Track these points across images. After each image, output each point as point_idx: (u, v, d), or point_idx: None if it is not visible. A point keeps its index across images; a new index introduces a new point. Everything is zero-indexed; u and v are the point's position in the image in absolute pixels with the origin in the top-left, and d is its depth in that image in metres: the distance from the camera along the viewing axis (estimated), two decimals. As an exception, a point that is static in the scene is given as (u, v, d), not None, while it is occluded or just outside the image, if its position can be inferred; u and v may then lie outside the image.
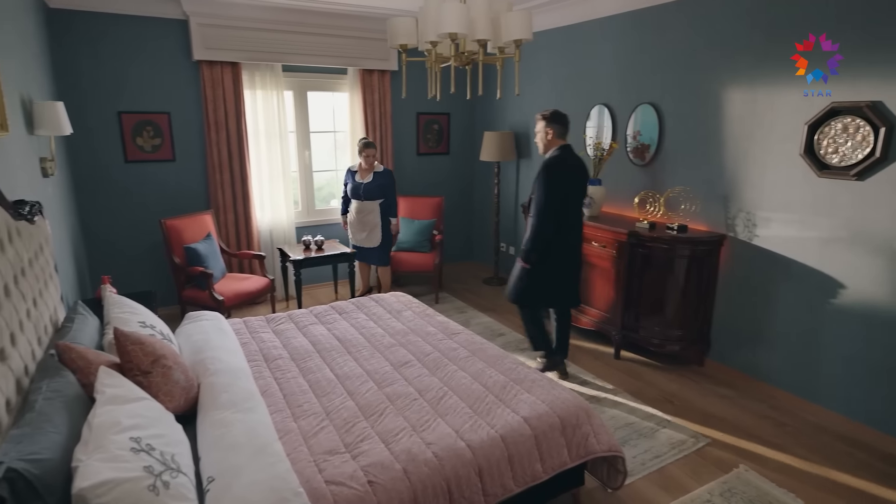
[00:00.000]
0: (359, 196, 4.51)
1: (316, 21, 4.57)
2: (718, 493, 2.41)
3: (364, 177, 4.50)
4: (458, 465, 1.85)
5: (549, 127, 3.19)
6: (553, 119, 3.18)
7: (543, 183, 3.07)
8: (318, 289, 5.30)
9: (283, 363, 2.55)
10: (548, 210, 3.06)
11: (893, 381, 2.72)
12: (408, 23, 2.49)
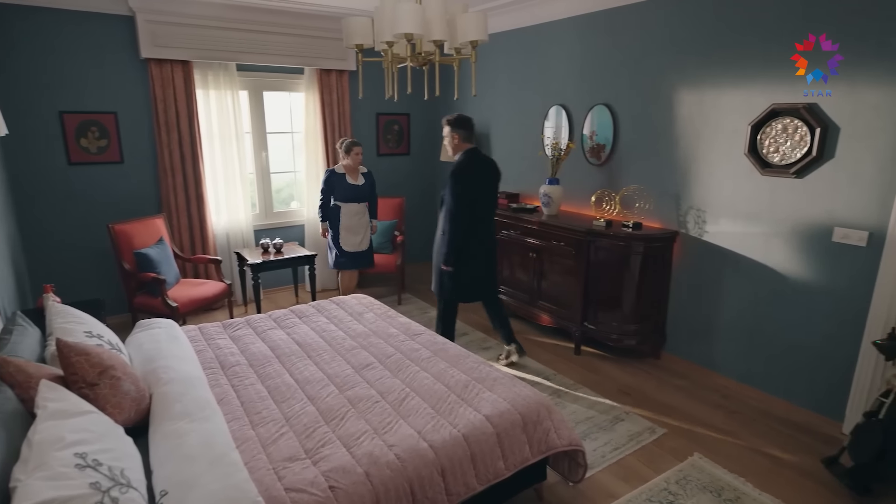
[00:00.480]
0: (354, 199, 4.44)
1: (271, 19, 4.47)
2: (674, 480, 2.50)
3: (356, 178, 4.46)
4: (421, 465, 1.85)
5: (454, 132, 3.30)
6: (458, 124, 3.30)
7: (451, 191, 3.21)
8: (278, 293, 5.19)
9: (241, 370, 2.48)
10: (459, 217, 3.22)
11: (830, 368, 2.89)
12: (363, 22, 2.47)
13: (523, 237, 4.19)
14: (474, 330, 4.29)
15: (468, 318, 4.55)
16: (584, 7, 3.92)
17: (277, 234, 4.97)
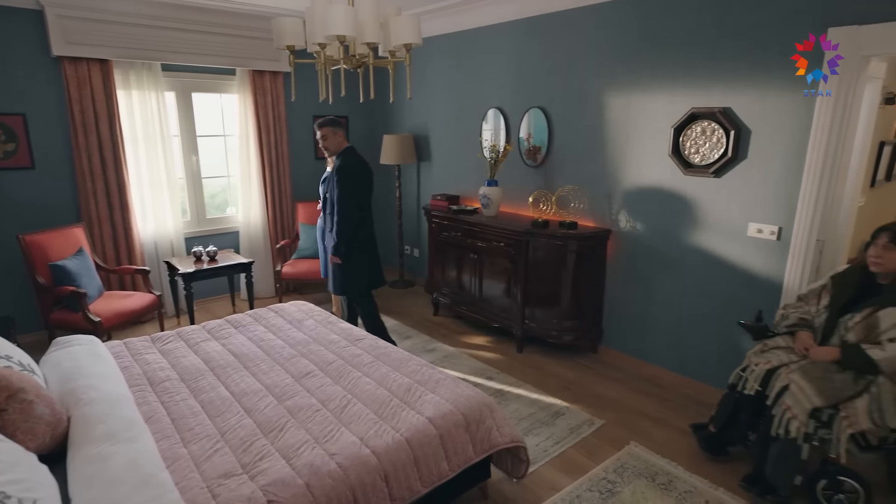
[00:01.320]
0: None
1: (198, 17, 4.29)
2: (612, 469, 2.60)
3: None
4: (364, 472, 1.83)
5: (338, 131, 3.48)
6: (339, 124, 3.49)
7: (344, 187, 3.40)
8: (214, 302, 4.98)
9: (172, 385, 2.36)
10: (350, 211, 3.42)
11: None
12: (294, 23, 2.42)
13: (464, 238, 4.23)
14: (419, 333, 4.29)
15: (414, 322, 4.55)
16: (517, 13, 4.01)
17: (211, 242, 4.76)
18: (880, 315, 2.20)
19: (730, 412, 2.60)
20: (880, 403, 2.14)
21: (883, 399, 2.14)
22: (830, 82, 2.62)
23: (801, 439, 2.20)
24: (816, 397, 2.19)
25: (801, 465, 2.24)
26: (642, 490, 2.45)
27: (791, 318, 2.55)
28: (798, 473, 2.26)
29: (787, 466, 2.26)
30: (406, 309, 4.87)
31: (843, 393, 2.18)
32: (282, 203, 5.13)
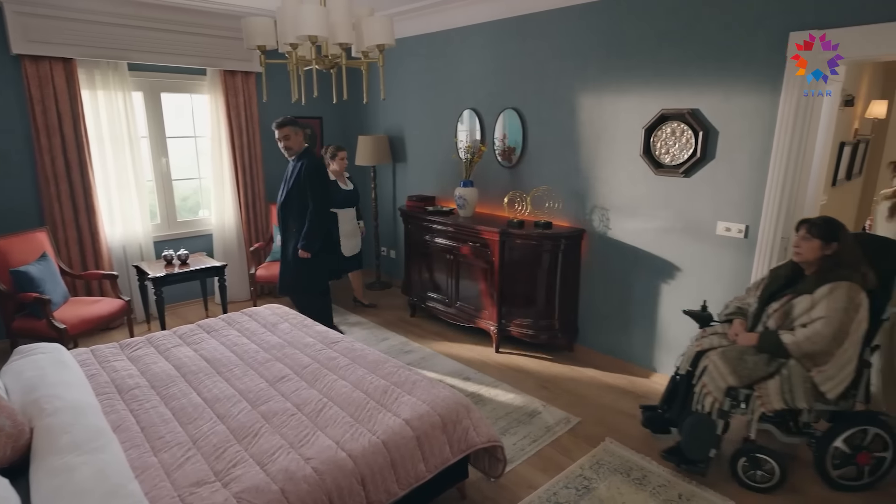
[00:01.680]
0: (348, 204, 4.52)
1: (166, 16, 4.19)
2: (588, 466, 2.63)
3: (345, 183, 4.55)
4: (340, 476, 1.81)
5: (300, 131, 3.66)
6: (297, 123, 3.66)
7: (318, 183, 3.58)
8: (186, 307, 4.87)
9: (141, 392, 2.30)
10: (324, 206, 3.62)
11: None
12: (265, 23, 2.38)
13: (440, 239, 4.24)
14: (396, 334, 4.27)
15: (391, 323, 4.53)
16: (491, 14, 4.04)
17: (183, 245, 4.66)
18: (794, 302, 2.36)
19: (670, 392, 2.79)
20: (791, 385, 2.30)
21: (793, 380, 2.29)
22: (789, 85, 2.70)
23: (715, 415, 2.39)
24: (730, 376, 2.36)
25: (716, 439, 2.42)
26: (617, 485, 2.48)
27: (730, 308, 2.73)
28: (713, 447, 2.43)
29: (701, 439, 2.44)
30: (383, 310, 4.85)
31: (756, 374, 2.35)
32: (255, 205, 5.05)
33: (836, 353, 2.24)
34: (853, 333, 2.23)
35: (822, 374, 2.26)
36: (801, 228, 2.40)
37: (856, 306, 2.22)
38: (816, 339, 2.23)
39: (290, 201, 3.64)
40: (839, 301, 2.23)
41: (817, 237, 2.33)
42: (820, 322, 2.24)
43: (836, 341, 2.22)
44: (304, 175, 3.55)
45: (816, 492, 2.46)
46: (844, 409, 2.40)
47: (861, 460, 2.40)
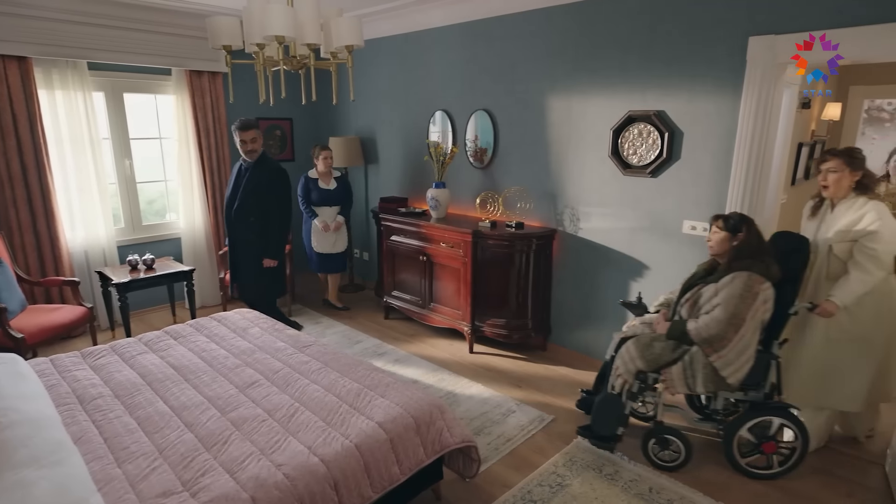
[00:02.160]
0: (326, 203, 4.58)
1: (127, 14, 4.06)
2: (562, 463, 2.66)
3: (328, 182, 4.59)
4: (312, 482, 1.79)
5: (260, 133, 3.69)
6: (259, 126, 3.71)
7: (284, 187, 3.68)
8: (153, 313, 4.74)
9: (104, 402, 2.23)
10: (290, 210, 3.69)
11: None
12: (230, 23, 2.34)
13: (413, 241, 4.23)
14: (369, 337, 4.25)
15: (364, 326, 4.50)
16: (461, 16, 4.05)
17: (149, 250, 4.54)
18: (702, 292, 2.49)
19: (599, 376, 3.00)
20: (693, 370, 2.42)
21: (695, 366, 2.41)
22: (749, 88, 2.79)
23: (624, 396, 2.58)
24: (639, 360, 2.52)
25: (624, 418, 2.62)
26: (590, 481, 2.52)
27: (660, 300, 2.88)
28: (621, 425, 2.63)
29: (609, 417, 2.65)
30: (356, 313, 4.81)
31: (662, 359, 2.49)
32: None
33: (732, 338, 2.33)
34: (750, 320, 2.32)
35: (722, 360, 2.35)
36: (716, 221, 2.52)
37: (753, 294, 2.32)
38: (712, 325, 2.35)
39: (248, 207, 3.60)
40: (736, 288, 2.34)
41: (724, 229, 2.45)
42: (717, 308, 2.36)
43: (733, 327, 2.32)
44: (269, 181, 3.56)
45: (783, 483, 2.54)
46: (754, 399, 2.51)
47: (767, 449, 2.51)
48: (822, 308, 2.45)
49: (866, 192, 2.44)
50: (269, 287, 3.86)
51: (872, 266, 2.36)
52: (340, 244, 4.72)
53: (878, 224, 2.35)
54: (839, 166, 2.44)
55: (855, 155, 2.44)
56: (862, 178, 2.44)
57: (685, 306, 2.55)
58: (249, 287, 3.83)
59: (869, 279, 2.37)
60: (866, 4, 2.42)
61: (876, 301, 2.45)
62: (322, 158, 4.52)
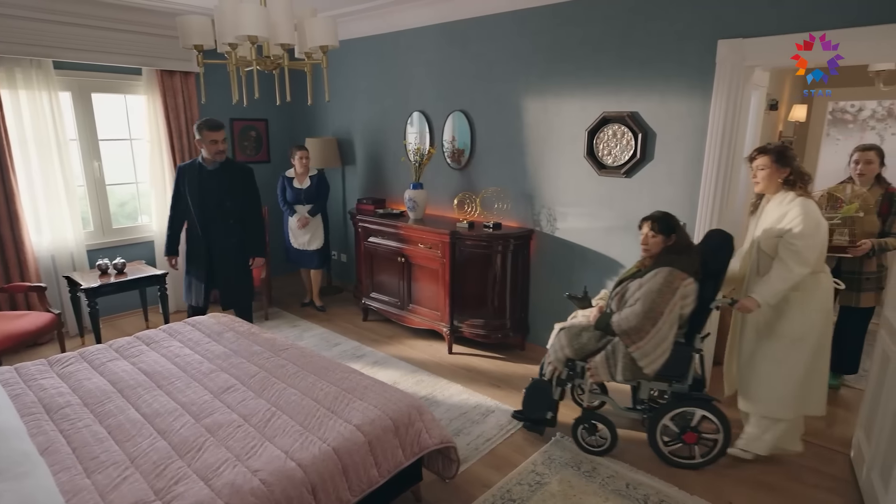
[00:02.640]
0: (300, 201, 4.64)
1: (94, 12, 3.96)
2: (541, 461, 2.68)
3: (302, 182, 4.63)
4: (289, 487, 1.77)
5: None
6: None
7: (255, 185, 3.63)
8: (124, 319, 4.63)
9: (73, 411, 2.17)
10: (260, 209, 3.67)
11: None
12: (202, 22, 2.30)
13: (391, 242, 4.21)
14: (348, 339, 4.22)
15: (342, 328, 4.46)
16: (436, 18, 4.06)
17: (120, 253, 4.43)
18: (629, 286, 2.58)
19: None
20: (614, 359, 2.52)
21: (616, 355, 2.52)
22: (719, 89, 2.85)
23: (555, 382, 2.74)
24: (567, 348, 2.68)
25: (553, 403, 2.78)
26: (569, 479, 2.54)
27: (601, 293, 3.01)
28: (550, 409, 2.78)
29: (538, 402, 2.81)
30: (334, 315, 4.77)
31: (588, 348, 2.64)
32: (198, 210, 4.86)
33: (650, 331, 2.41)
34: (667, 315, 2.40)
35: (639, 351, 2.44)
36: (645, 226, 2.58)
37: (672, 290, 2.40)
38: (631, 318, 2.44)
39: (226, 209, 3.49)
40: (656, 283, 2.43)
41: (661, 233, 2.52)
42: (637, 302, 2.46)
43: (650, 320, 2.40)
44: (243, 181, 3.54)
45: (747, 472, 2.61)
46: (679, 390, 2.60)
47: (688, 440, 2.60)
48: (741, 304, 2.48)
49: (794, 189, 2.42)
50: (252, 288, 3.82)
51: (793, 262, 2.35)
52: (315, 242, 4.73)
53: (800, 220, 2.33)
54: (767, 163, 2.45)
55: (783, 152, 2.44)
56: (790, 175, 2.43)
57: (615, 300, 2.64)
58: (234, 290, 3.71)
59: (789, 276, 2.36)
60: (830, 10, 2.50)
61: (805, 299, 2.45)
62: (298, 158, 4.57)
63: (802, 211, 2.35)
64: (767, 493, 2.48)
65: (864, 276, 3.08)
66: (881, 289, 3.11)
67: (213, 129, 3.39)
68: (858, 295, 3.11)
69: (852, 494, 2.46)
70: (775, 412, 2.58)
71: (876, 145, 3.13)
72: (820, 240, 2.38)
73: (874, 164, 3.06)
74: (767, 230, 2.47)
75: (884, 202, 3.02)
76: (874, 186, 3.08)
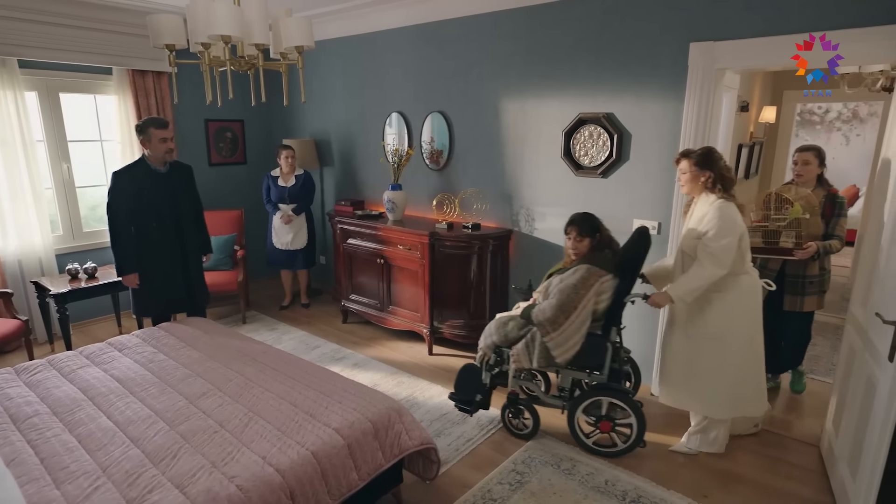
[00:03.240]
0: (284, 200, 4.59)
1: (62, 9, 3.86)
2: (521, 461, 2.70)
3: (287, 181, 4.59)
4: (267, 492, 1.74)
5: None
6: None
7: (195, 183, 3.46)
8: (96, 324, 4.52)
9: (41, 420, 2.11)
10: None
11: (640, 342, 3.36)
12: (174, 21, 2.26)
13: (370, 244, 4.19)
14: (327, 342, 4.18)
15: (321, 330, 4.43)
16: (413, 19, 4.05)
17: (91, 258, 4.32)
18: (552, 280, 2.74)
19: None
20: (532, 347, 2.66)
21: (534, 344, 2.65)
22: (691, 91, 2.91)
23: (484, 367, 2.88)
24: (494, 336, 2.82)
25: (481, 386, 2.89)
26: (548, 477, 2.56)
27: (541, 286, 3.04)
28: (478, 392, 2.89)
29: (470, 384, 2.92)
30: (313, 318, 4.73)
31: (511, 335, 2.76)
32: (172, 213, 4.76)
33: (563, 323, 2.56)
34: (581, 309, 2.55)
35: (553, 341, 2.59)
36: (572, 231, 2.72)
37: (588, 286, 2.56)
38: (548, 310, 2.59)
39: (186, 212, 3.35)
40: (572, 279, 2.59)
41: (587, 236, 2.69)
42: (555, 296, 2.60)
43: (564, 313, 2.55)
44: (189, 180, 3.41)
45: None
46: (598, 380, 2.74)
47: (603, 427, 2.71)
48: (653, 299, 2.60)
49: (715, 191, 2.47)
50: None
51: (708, 262, 2.40)
52: (298, 241, 4.70)
53: (716, 223, 2.38)
54: (688, 167, 2.53)
55: (704, 155, 2.49)
56: (713, 177, 2.47)
57: (542, 292, 2.80)
58: (202, 294, 3.58)
59: (704, 274, 2.42)
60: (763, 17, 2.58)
61: (727, 300, 2.51)
62: (284, 158, 4.56)
63: (719, 214, 2.40)
64: (742, 485, 2.53)
65: (807, 280, 3.01)
66: (823, 292, 3.07)
67: (161, 127, 3.13)
68: (802, 299, 3.04)
69: (822, 485, 2.53)
70: (707, 411, 2.67)
71: (814, 146, 3.05)
72: (736, 242, 2.41)
73: (812, 164, 2.98)
74: (689, 231, 2.55)
75: (826, 204, 2.96)
76: (816, 188, 3.00)
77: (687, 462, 2.69)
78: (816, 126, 8.64)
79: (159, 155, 3.16)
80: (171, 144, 3.21)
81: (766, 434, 2.93)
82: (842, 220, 2.95)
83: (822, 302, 3.08)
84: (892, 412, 1.91)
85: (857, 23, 2.41)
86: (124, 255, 3.20)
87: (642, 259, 2.67)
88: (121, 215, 3.15)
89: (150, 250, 3.25)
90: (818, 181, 3.03)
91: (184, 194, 3.35)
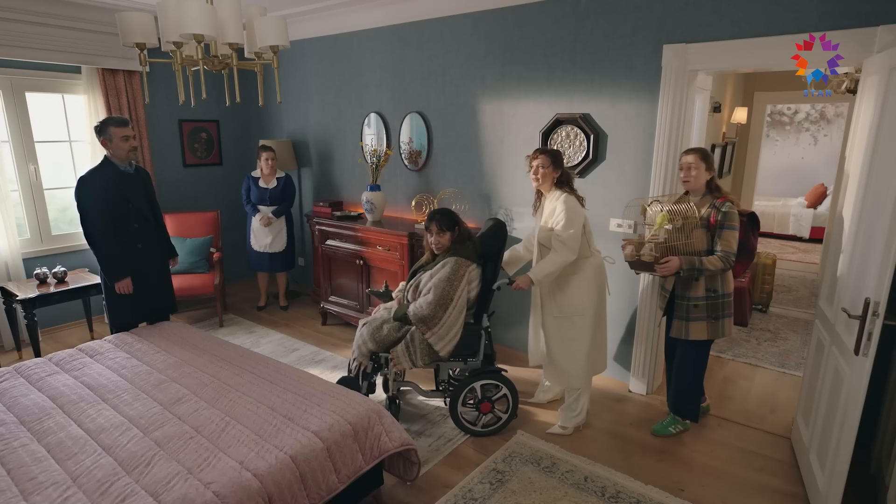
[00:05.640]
0: (265, 202, 4.55)
1: (26, 6, 3.74)
2: (501, 459, 2.71)
3: (268, 182, 4.55)
4: (244, 498, 1.72)
5: None
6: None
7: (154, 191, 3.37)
8: (67, 330, 4.40)
9: (7, 430, 2.05)
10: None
11: (620, 338, 3.40)
12: (144, 19, 2.21)
13: (349, 245, 4.17)
14: (306, 344, 4.14)
15: (300, 333, 4.38)
16: (389, 19, 4.04)
17: (60, 261, 4.21)
18: (422, 277, 2.84)
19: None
20: (414, 347, 2.72)
21: (414, 343, 2.72)
22: (665, 92, 2.96)
23: (361, 377, 2.85)
24: (370, 342, 2.81)
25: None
26: (528, 475, 2.58)
27: (400, 286, 3.17)
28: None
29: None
30: (292, 320, 4.68)
31: (389, 339, 2.79)
32: (145, 215, 4.66)
33: (442, 317, 2.67)
34: (457, 301, 2.70)
35: (435, 336, 2.69)
36: (433, 226, 2.81)
37: (459, 277, 2.71)
38: (425, 307, 2.68)
39: (159, 216, 3.29)
40: (445, 273, 2.71)
41: (447, 230, 2.80)
42: (430, 292, 2.69)
43: (442, 307, 2.67)
44: (150, 184, 3.29)
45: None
46: (473, 367, 2.90)
47: (484, 409, 2.87)
48: (517, 283, 2.80)
49: (563, 188, 2.77)
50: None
51: (561, 249, 2.70)
52: (277, 244, 4.65)
53: (564, 215, 2.68)
54: (547, 163, 2.76)
55: (557, 155, 2.79)
56: (561, 175, 2.78)
57: (410, 290, 2.86)
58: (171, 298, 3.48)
59: (558, 259, 2.70)
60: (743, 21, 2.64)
61: (582, 282, 2.81)
62: (264, 160, 4.50)
63: (566, 206, 2.70)
64: (715, 478, 2.58)
65: (690, 303, 2.64)
66: (716, 318, 2.65)
67: (121, 125, 2.98)
68: (687, 325, 2.67)
69: (793, 476, 2.60)
70: (580, 382, 2.90)
71: (700, 148, 2.66)
72: (580, 230, 2.73)
73: (699, 169, 2.58)
74: (543, 224, 2.80)
75: (712, 214, 2.56)
76: (705, 195, 2.63)
77: (663, 457, 2.74)
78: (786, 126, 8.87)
79: (122, 154, 3.01)
80: (133, 143, 3.05)
81: (740, 428, 3.00)
82: (728, 234, 2.51)
83: (716, 330, 2.66)
84: (858, 404, 1.98)
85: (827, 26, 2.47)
86: (113, 260, 3.02)
87: (503, 248, 2.88)
88: (99, 221, 2.96)
89: (135, 255, 3.11)
90: (707, 188, 2.64)
91: (153, 195, 3.29)
